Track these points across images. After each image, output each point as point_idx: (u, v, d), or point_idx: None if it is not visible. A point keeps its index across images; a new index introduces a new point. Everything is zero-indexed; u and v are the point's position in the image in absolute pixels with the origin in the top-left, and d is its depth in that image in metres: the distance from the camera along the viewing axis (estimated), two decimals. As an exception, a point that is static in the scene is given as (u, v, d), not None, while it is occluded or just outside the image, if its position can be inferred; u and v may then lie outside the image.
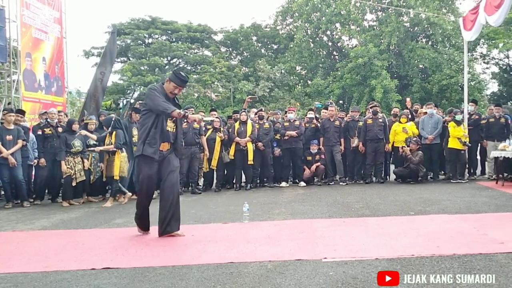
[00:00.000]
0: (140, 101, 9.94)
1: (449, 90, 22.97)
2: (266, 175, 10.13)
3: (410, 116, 10.26)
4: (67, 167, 8.13)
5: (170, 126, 4.93)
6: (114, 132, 7.99)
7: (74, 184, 8.19)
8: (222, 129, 9.69)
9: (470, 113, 10.29)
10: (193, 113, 5.26)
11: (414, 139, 9.65)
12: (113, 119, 8.22)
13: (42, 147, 8.55)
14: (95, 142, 8.37)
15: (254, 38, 29.61)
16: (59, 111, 9.67)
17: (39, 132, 8.68)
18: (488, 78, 28.33)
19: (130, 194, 8.16)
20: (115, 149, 7.94)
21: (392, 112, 10.99)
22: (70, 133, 8.38)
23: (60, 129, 8.67)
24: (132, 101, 21.99)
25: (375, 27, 25.49)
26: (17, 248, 4.78)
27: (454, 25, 21.98)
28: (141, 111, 5.34)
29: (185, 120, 9.37)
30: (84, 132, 8.42)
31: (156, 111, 4.76)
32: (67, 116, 9.76)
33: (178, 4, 58.07)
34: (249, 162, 9.51)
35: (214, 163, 9.43)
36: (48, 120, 8.78)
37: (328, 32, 26.97)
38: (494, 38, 24.52)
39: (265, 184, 10.11)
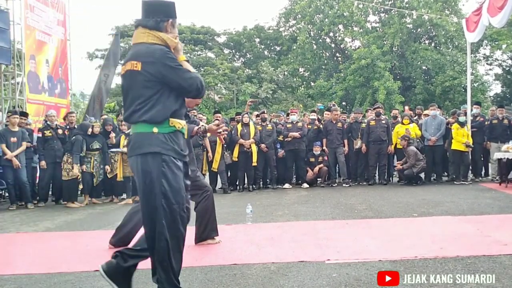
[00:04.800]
0: None
1: (452, 91, 22.90)
2: (269, 177, 10.14)
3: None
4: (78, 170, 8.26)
5: None
6: None
7: (80, 187, 8.40)
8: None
9: (475, 115, 10.28)
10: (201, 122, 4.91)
11: (401, 136, 9.61)
12: None
13: (43, 149, 8.58)
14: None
15: (257, 40, 29.62)
16: (70, 113, 9.71)
17: (39, 135, 8.72)
18: (491, 80, 28.27)
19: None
20: None
21: (392, 114, 10.98)
22: (86, 136, 8.52)
23: (60, 131, 8.71)
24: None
25: (378, 29, 25.46)
26: (21, 249, 4.81)
27: (457, 26, 21.91)
28: None
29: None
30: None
31: None
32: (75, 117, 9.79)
33: (181, 6, 58.10)
34: (253, 164, 9.53)
35: (215, 165, 9.41)
36: (48, 122, 8.81)
37: (331, 34, 26.95)
38: (497, 39, 24.43)
39: (268, 185, 10.12)
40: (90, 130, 8.56)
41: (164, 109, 2.68)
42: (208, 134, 9.11)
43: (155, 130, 2.66)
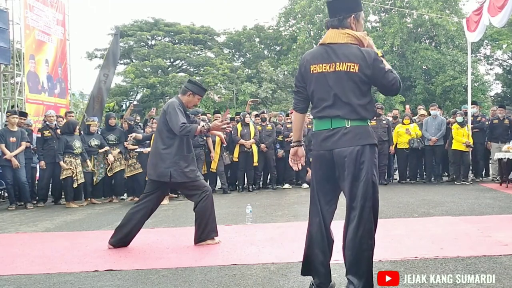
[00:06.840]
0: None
1: (453, 91, 22.88)
2: (269, 177, 10.13)
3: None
4: (67, 168, 8.17)
5: None
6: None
7: (75, 185, 8.25)
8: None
9: (474, 115, 10.26)
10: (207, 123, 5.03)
11: None
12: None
13: (42, 149, 8.56)
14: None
15: (257, 39, 29.58)
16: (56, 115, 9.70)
17: (39, 135, 8.72)
18: (492, 79, 28.25)
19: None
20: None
21: (392, 114, 10.96)
22: (69, 135, 8.40)
23: (59, 131, 8.70)
24: (135, 102, 22.04)
25: (378, 28, 25.44)
26: (20, 250, 4.79)
27: (458, 26, 21.89)
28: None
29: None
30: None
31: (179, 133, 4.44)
32: (63, 118, 9.75)
33: (180, 5, 58.21)
34: (254, 164, 9.53)
35: (214, 165, 9.38)
36: (47, 122, 8.80)
37: (331, 34, 26.93)
38: (498, 39, 24.43)
39: (268, 186, 10.10)
40: (77, 128, 8.58)
41: (373, 108, 2.95)
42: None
43: (369, 123, 2.94)
